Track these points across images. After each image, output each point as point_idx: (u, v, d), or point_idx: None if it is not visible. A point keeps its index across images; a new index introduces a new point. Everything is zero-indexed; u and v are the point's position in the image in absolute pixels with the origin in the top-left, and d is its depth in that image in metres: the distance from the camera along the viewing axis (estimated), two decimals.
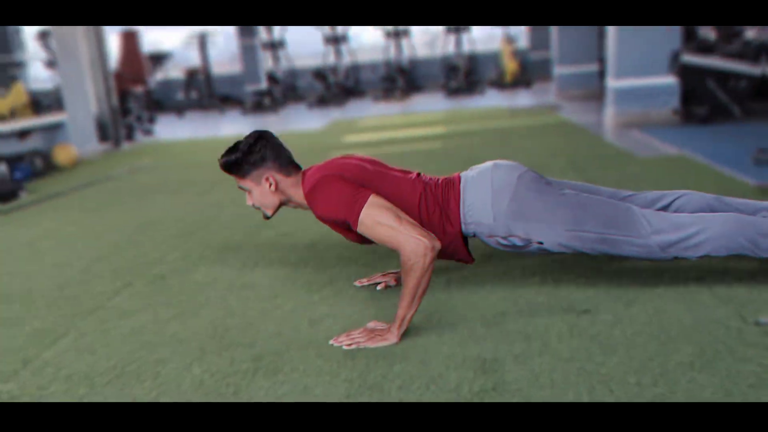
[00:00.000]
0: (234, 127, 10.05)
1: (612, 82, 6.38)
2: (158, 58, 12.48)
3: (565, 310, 2.09)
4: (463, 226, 2.09)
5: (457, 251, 2.15)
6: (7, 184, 5.08)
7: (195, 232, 3.49)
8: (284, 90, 12.95)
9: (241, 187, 2.17)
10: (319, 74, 12.46)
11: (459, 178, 2.14)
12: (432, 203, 2.08)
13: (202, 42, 12.69)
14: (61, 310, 2.51)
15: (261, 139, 2.11)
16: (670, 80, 6.12)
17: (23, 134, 5.90)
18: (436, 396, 1.66)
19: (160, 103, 12.89)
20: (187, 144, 8.07)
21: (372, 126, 8.10)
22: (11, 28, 10.08)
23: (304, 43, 14.28)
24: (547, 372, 1.73)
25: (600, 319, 2.01)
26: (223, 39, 15.06)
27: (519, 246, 2.07)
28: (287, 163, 2.13)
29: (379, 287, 2.43)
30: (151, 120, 9.33)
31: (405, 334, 2.00)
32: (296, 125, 9.46)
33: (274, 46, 12.91)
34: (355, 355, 1.91)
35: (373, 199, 1.96)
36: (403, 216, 1.95)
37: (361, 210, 1.93)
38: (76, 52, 6.73)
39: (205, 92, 12.86)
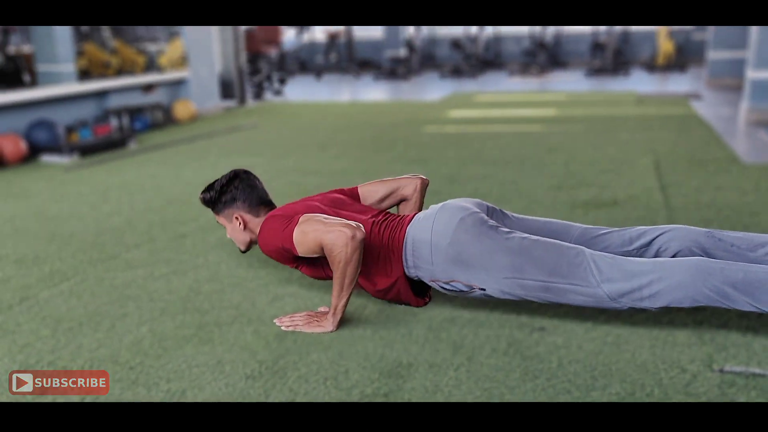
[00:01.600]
0: (362, 92, 10.25)
1: (751, 74, 5.66)
2: None
3: (520, 324, 1.95)
4: (406, 270, 2.00)
5: (401, 294, 2.05)
6: (119, 134, 5.60)
7: None
8: (422, 58, 12.90)
9: (218, 222, 2.22)
10: (457, 44, 12.24)
11: (410, 220, 2.03)
12: (377, 245, 2.00)
13: None
14: (84, 255, 2.76)
15: (235, 179, 2.15)
16: None
17: (147, 88, 6.44)
18: (324, 393, 1.63)
19: (303, 63, 13.41)
20: (306, 106, 8.35)
21: (487, 102, 7.87)
22: None
23: None
24: (451, 387, 1.63)
25: (549, 340, 1.85)
26: None
27: (464, 291, 1.93)
28: (257, 204, 2.14)
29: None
30: (282, 81, 9.74)
31: (347, 324, 1.99)
32: (419, 95, 9.44)
33: None
34: (286, 338, 1.93)
35: (302, 219, 1.93)
36: (332, 219, 1.91)
37: (292, 232, 1.92)
38: None
39: (344, 56, 13.15)
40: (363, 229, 1.86)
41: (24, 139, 5.01)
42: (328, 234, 1.85)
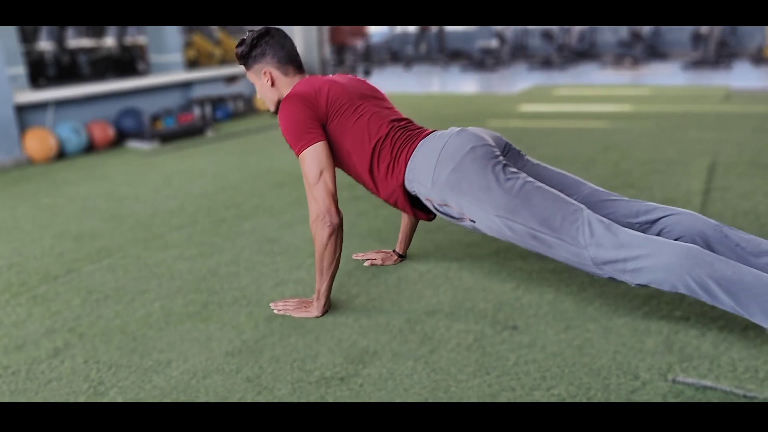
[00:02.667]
0: (447, 83, 10.27)
1: None
2: None
3: (494, 322, 2.01)
4: (406, 182, 2.06)
5: (400, 203, 2.13)
6: (200, 122, 5.99)
7: (291, 184, 3.86)
8: (513, 49, 12.71)
9: (249, 79, 2.29)
10: (548, 35, 11.96)
11: (427, 134, 2.08)
12: (386, 151, 2.06)
13: None
14: (132, 234, 3.06)
15: (266, 35, 2.18)
16: None
17: (230, 79, 6.82)
18: (288, 373, 1.77)
19: (394, 54, 13.56)
20: None
21: (565, 96, 7.69)
22: None
23: None
24: (403, 376, 1.73)
25: (515, 339, 1.90)
26: None
27: (455, 217, 1.99)
28: (287, 62, 2.17)
29: (366, 263, 2.54)
30: (367, 72, 9.95)
31: (333, 311, 2.12)
32: (503, 87, 9.35)
33: None
34: (274, 320, 2.09)
35: (316, 146, 1.99)
36: (326, 177, 1.98)
37: (302, 150, 2.00)
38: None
39: (435, 47, 13.19)
40: (339, 217, 1.97)
41: (114, 126, 5.49)
42: (311, 203, 1.98)
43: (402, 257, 2.56)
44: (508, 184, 1.88)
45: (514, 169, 1.93)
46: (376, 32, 13.49)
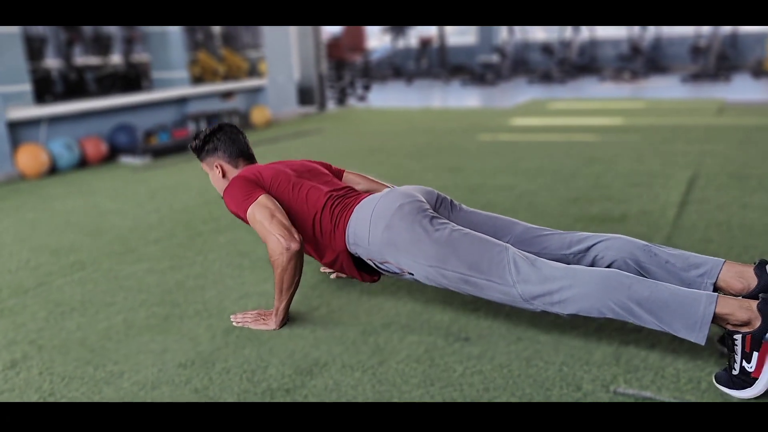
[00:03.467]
0: (447, 97, 10.32)
1: None
2: (400, 28, 13.16)
3: (448, 334, 2.02)
4: (348, 246, 2.12)
5: (348, 269, 2.18)
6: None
7: None
8: (514, 63, 12.76)
9: (203, 169, 2.44)
10: (547, 49, 12.00)
11: (361, 200, 2.15)
12: (326, 221, 2.13)
13: None
14: (109, 247, 3.09)
15: (219, 131, 2.38)
16: None
17: (226, 95, 6.90)
18: (236, 385, 1.79)
19: (397, 69, 13.65)
20: (381, 113, 8.55)
21: (559, 110, 7.71)
22: None
23: None
24: (348, 387, 1.74)
25: (466, 350, 1.91)
26: None
27: (396, 273, 2.05)
28: (237, 156, 2.36)
29: (332, 276, 2.55)
30: (366, 88, 10.01)
31: (292, 322, 2.14)
32: (501, 101, 9.38)
33: None
34: (232, 333, 2.11)
35: (260, 200, 2.09)
36: (278, 216, 2.05)
37: (248, 207, 2.09)
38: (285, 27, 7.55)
39: (436, 61, 13.26)
40: (300, 241, 2.01)
41: (107, 141, 5.56)
42: (269, 236, 2.02)
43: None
44: (436, 234, 1.93)
45: (443, 220, 1.99)
46: (378, 48, 13.59)
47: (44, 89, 7.39)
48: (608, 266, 1.91)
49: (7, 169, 4.82)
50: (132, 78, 8.53)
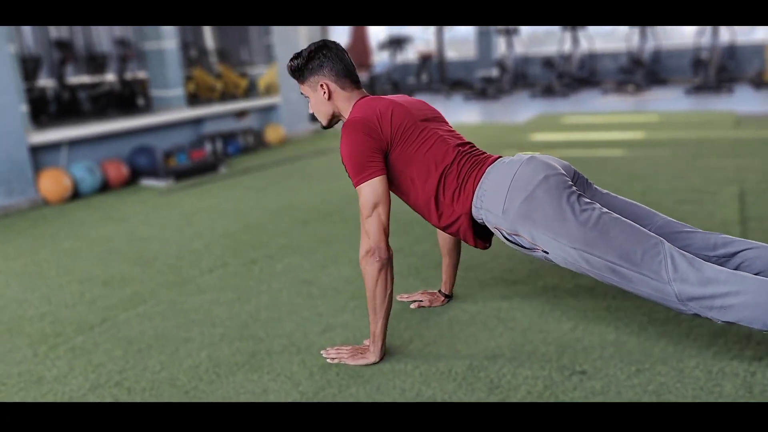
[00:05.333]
0: (451, 112, 10.27)
1: None
2: (398, 42, 13.17)
3: (561, 367, 1.94)
4: (473, 209, 2.00)
5: (462, 231, 2.06)
6: (213, 158, 5.95)
7: (314, 221, 3.80)
8: (514, 77, 12.80)
9: (302, 94, 2.22)
10: (548, 62, 12.06)
11: (493, 160, 2.03)
12: (453, 177, 2.01)
13: (440, 28, 13.08)
14: (162, 277, 2.98)
15: (323, 48, 2.12)
16: None
17: (240, 114, 6.80)
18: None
19: (395, 84, 13.64)
20: None
21: (574, 124, 7.70)
22: None
23: (539, 29, 13.91)
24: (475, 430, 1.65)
25: (587, 385, 1.83)
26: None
27: (525, 247, 1.93)
28: (344, 75, 2.12)
29: (413, 305, 2.47)
30: None
31: (389, 357, 2.05)
32: (507, 116, 9.37)
33: (509, 32, 12.78)
34: (330, 369, 2.01)
35: (374, 181, 1.94)
36: (381, 212, 1.93)
37: (361, 182, 1.95)
38: (295, 38, 7.48)
39: (436, 76, 13.27)
40: (390, 251, 1.92)
41: (127, 163, 5.44)
42: (363, 236, 1.94)
43: (449, 297, 2.49)
44: (584, 215, 1.82)
45: (588, 200, 1.88)
46: (378, 63, 13.55)
47: (39, 110, 7.20)
48: (756, 275, 1.82)
49: (30, 195, 4.68)
50: (127, 97, 8.36)
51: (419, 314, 2.40)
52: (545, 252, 1.89)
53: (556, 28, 12.84)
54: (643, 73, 11.40)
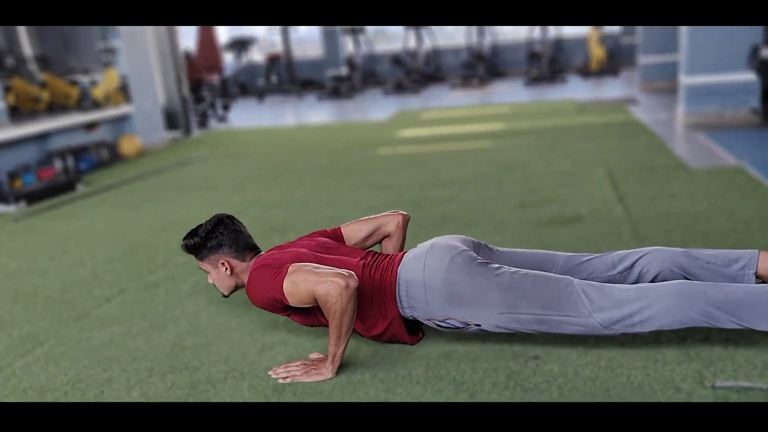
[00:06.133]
0: (307, 113, 10.21)
1: (684, 79, 5.93)
2: (243, 44, 12.83)
3: (515, 355, 1.98)
4: (400, 310, 2.01)
5: (399, 335, 2.07)
6: (64, 176, 5.42)
7: None
8: (363, 75, 12.98)
9: (201, 268, 2.17)
10: (398, 60, 12.38)
11: (400, 260, 2.05)
12: (369, 288, 2.01)
13: (285, 27, 12.92)
14: (53, 314, 2.66)
15: (219, 224, 2.12)
16: (749, 77, 5.61)
17: (90, 126, 6.25)
18: None
19: (243, 86, 13.29)
20: (253, 133, 8.28)
21: (434, 119, 7.97)
22: None
23: (384, 27, 14.25)
24: (457, 429, 1.64)
25: (545, 369, 1.89)
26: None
27: (459, 327, 1.97)
28: (243, 249, 2.13)
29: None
30: (226, 107, 9.63)
31: (343, 369, 1.98)
32: (365, 114, 9.48)
33: (355, 31, 12.93)
34: (284, 390, 1.91)
35: (291, 269, 1.92)
36: (322, 268, 1.90)
37: (282, 282, 1.90)
38: (143, 43, 7.02)
39: (285, 77, 13.11)
40: (355, 277, 1.86)
41: None
42: (321, 285, 1.84)
43: None
44: (497, 280, 1.90)
45: (496, 265, 1.96)
46: (226, 65, 13.09)
47: None
48: (654, 278, 1.99)
49: None
50: None
51: None
52: (477, 325, 1.94)
53: (399, 27, 13.20)
54: (485, 67, 12.06)
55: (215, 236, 2.09)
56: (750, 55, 5.55)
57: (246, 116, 10.22)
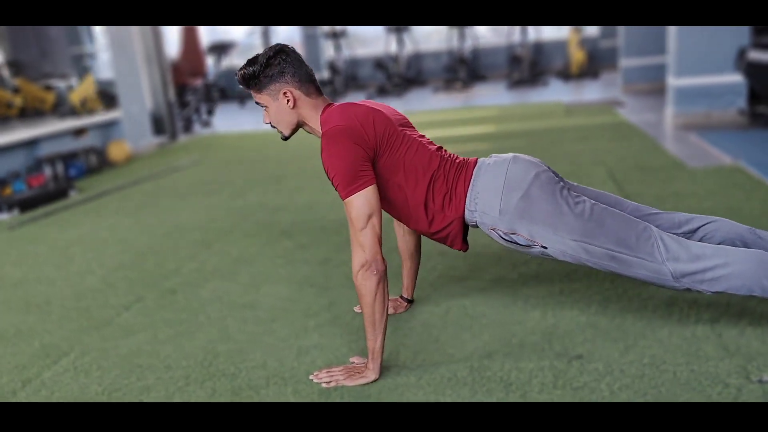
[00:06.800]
0: None
1: (673, 81, 6.03)
2: (222, 48, 12.71)
3: (557, 354, 1.99)
4: (466, 213, 1.99)
5: (451, 237, 2.06)
6: (57, 183, 5.31)
7: (216, 240, 3.54)
8: (345, 79, 12.96)
9: (257, 103, 2.04)
10: (380, 64, 12.39)
11: (475, 162, 2.04)
12: (441, 182, 1.99)
13: (266, 31, 12.85)
14: (72, 323, 2.60)
15: (281, 52, 1.98)
16: (736, 78, 5.73)
17: (79, 132, 6.14)
18: None
19: (224, 91, 13.17)
20: (239, 137, 8.20)
21: (423, 122, 7.95)
22: None
23: (365, 31, 14.26)
24: None
25: (590, 367, 1.90)
26: (287, 28, 15.24)
27: (521, 245, 1.97)
28: (308, 81, 2.00)
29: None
30: (210, 112, 9.54)
31: (386, 372, 1.97)
32: None
33: (336, 35, 12.91)
34: (330, 395, 1.89)
35: (366, 191, 1.86)
36: (374, 223, 1.85)
37: (351, 194, 1.85)
38: (131, 47, 6.92)
39: None
40: (382, 264, 1.84)
41: None
42: (356, 248, 1.84)
43: (411, 302, 2.45)
44: (578, 208, 1.90)
45: (577, 193, 1.95)
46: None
47: None
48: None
49: None
50: None
51: (389, 324, 2.33)
52: (543, 247, 1.93)
53: (380, 30, 13.21)
54: (466, 70, 12.13)
55: (277, 63, 1.94)
56: (737, 57, 5.67)
57: (229, 121, 10.12)
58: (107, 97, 6.85)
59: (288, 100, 1.98)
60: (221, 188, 4.99)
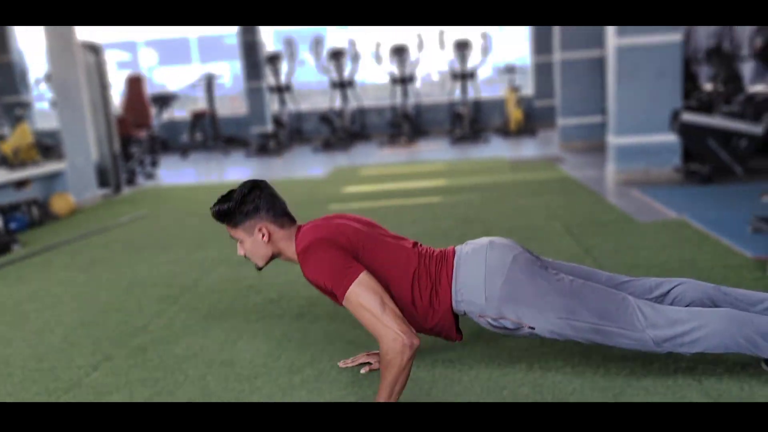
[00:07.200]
0: (236, 171, 10.09)
1: (613, 139, 6.37)
2: (164, 99, 12.60)
3: (602, 389, 2.04)
4: (453, 304, 2.04)
5: (445, 329, 2.10)
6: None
7: (181, 295, 3.44)
8: (290, 133, 13.02)
9: (233, 237, 2.09)
10: (325, 118, 12.53)
11: (453, 252, 2.10)
12: (425, 278, 2.03)
13: (209, 83, 12.84)
14: (36, 385, 2.46)
15: (255, 188, 2.06)
16: (671, 138, 6.10)
17: (21, 184, 5.90)
18: None
19: (165, 143, 12.99)
20: (186, 189, 8.08)
21: (374, 175, 8.09)
22: (18, 70, 10.22)
23: (309, 86, 14.46)
24: None
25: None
26: (232, 80, 15.32)
27: (510, 329, 2.03)
28: (281, 215, 2.07)
29: (363, 370, 2.37)
30: (154, 164, 9.37)
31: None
32: (299, 171, 9.48)
33: (281, 89, 13.03)
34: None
35: (363, 277, 1.90)
36: (388, 303, 1.89)
37: (349, 286, 1.88)
38: (78, 98, 6.77)
39: (210, 134, 12.95)
40: (416, 338, 1.86)
41: None
42: (385, 330, 1.83)
43: None
44: (558, 285, 1.98)
45: (555, 270, 2.03)
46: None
47: None
48: (687, 306, 2.10)
49: None
50: None
51: (376, 377, 2.31)
52: (531, 328, 2.00)
53: (324, 85, 13.42)
54: (410, 126, 12.42)
55: (252, 199, 2.01)
56: (671, 118, 6.06)
57: (172, 173, 9.95)
58: (45, 148, 6.63)
59: (263, 235, 2.06)
60: (177, 241, 4.88)
